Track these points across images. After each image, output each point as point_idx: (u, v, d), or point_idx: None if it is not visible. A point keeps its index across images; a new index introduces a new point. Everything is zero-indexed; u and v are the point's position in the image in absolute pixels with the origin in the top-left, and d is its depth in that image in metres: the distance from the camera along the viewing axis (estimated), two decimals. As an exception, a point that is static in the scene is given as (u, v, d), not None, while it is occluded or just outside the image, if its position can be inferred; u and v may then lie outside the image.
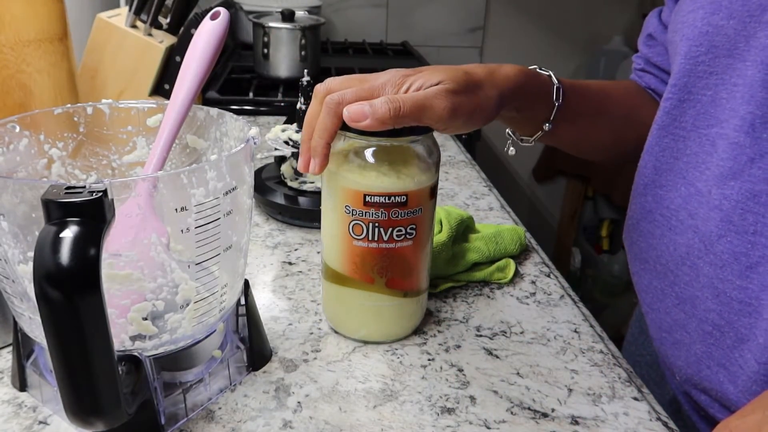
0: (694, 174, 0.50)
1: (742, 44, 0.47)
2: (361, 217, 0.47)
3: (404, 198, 0.46)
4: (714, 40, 0.49)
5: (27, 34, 0.66)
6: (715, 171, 0.48)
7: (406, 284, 0.50)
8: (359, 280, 0.49)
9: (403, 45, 1.79)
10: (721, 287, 0.48)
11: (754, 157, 0.45)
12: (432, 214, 0.50)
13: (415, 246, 0.49)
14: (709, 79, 0.50)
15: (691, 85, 0.51)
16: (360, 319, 0.51)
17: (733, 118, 0.47)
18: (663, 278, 0.54)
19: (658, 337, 0.56)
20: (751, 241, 0.45)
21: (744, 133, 0.46)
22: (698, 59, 0.50)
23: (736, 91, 0.47)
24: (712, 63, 0.49)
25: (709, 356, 0.50)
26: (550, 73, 0.55)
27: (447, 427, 0.44)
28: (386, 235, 0.47)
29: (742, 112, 0.46)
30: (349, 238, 0.48)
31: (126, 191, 0.39)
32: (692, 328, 0.51)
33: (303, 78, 0.72)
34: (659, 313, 0.55)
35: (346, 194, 0.47)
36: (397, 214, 0.47)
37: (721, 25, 0.48)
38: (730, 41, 0.48)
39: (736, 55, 0.47)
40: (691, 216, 0.50)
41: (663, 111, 0.54)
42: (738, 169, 0.46)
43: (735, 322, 0.47)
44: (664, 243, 0.53)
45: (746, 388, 0.47)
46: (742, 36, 0.47)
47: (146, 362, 0.40)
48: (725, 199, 0.47)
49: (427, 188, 0.48)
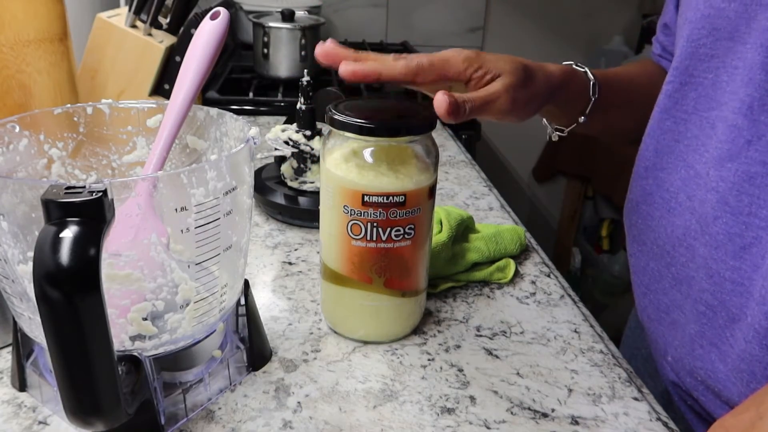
0: (694, 156, 0.51)
1: (743, 27, 0.47)
2: (359, 217, 0.47)
3: (402, 198, 0.46)
4: (715, 22, 0.49)
5: (27, 34, 0.66)
6: (714, 153, 0.48)
7: (404, 284, 0.50)
8: (357, 280, 0.49)
9: (403, 45, 1.79)
10: (715, 267, 0.48)
11: (751, 139, 0.46)
12: (431, 214, 0.50)
13: (413, 246, 0.49)
14: (710, 62, 0.50)
15: (693, 68, 0.51)
16: (358, 319, 0.51)
17: (733, 100, 0.47)
18: (659, 259, 0.54)
19: (655, 318, 0.56)
20: (745, 222, 0.46)
21: (742, 115, 0.46)
22: (700, 42, 0.50)
23: (737, 74, 0.47)
24: (714, 46, 0.49)
25: (702, 336, 0.50)
26: (585, 69, 0.59)
27: (447, 427, 0.44)
28: (384, 235, 0.47)
29: (741, 95, 0.47)
30: (347, 237, 0.48)
31: (126, 191, 0.39)
32: (687, 309, 0.51)
33: (303, 78, 0.72)
34: (656, 293, 0.55)
35: (345, 194, 0.47)
36: (395, 214, 0.47)
37: (722, 7, 0.48)
38: (731, 24, 0.48)
39: (737, 38, 0.47)
40: (689, 198, 0.51)
41: (665, 94, 0.54)
42: (735, 151, 0.47)
43: (727, 302, 0.47)
44: (662, 225, 0.54)
45: (735, 366, 0.47)
46: (743, 18, 0.47)
47: (146, 362, 0.40)
48: (722, 181, 0.47)
49: (425, 188, 0.48)
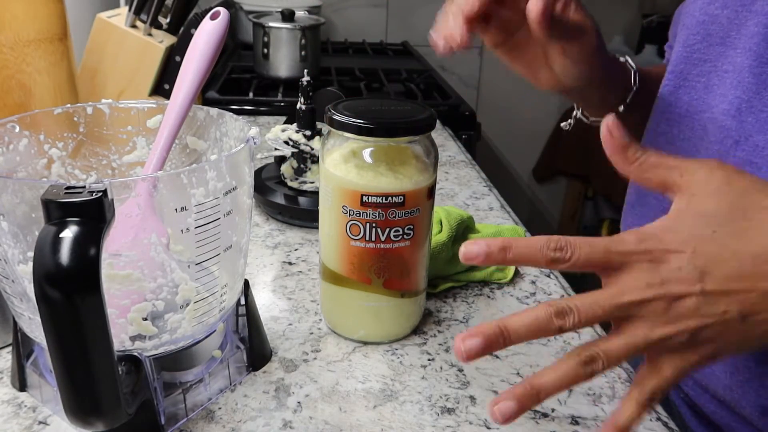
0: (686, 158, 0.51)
1: (734, 32, 0.48)
2: (358, 218, 0.47)
3: (401, 198, 0.46)
4: (709, 28, 0.51)
5: (27, 34, 0.66)
6: (705, 154, 0.49)
7: (404, 284, 0.50)
8: (357, 281, 0.49)
9: (403, 45, 1.80)
10: None
11: (738, 139, 0.47)
12: (430, 214, 0.50)
13: (412, 246, 0.49)
14: (702, 67, 0.51)
15: (687, 72, 0.53)
16: (358, 320, 0.51)
17: (723, 103, 0.49)
18: None
19: None
20: None
21: (731, 116, 0.47)
22: (694, 47, 0.52)
23: (727, 77, 0.49)
24: (707, 51, 0.51)
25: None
26: (626, 58, 0.59)
27: (447, 427, 0.44)
28: (383, 235, 0.47)
29: (730, 97, 0.48)
30: (346, 238, 0.48)
31: (126, 191, 0.39)
32: None
33: (303, 78, 0.72)
34: None
35: (344, 194, 0.47)
36: (394, 214, 0.47)
37: (716, 14, 0.50)
38: (723, 30, 0.49)
39: (728, 43, 0.49)
40: None
41: (660, 97, 0.55)
42: (724, 151, 0.48)
43: None
44: None
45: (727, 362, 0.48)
46: (734, 24, 0.48)
47: (146, 362, 0.40)
48: None
49: (424, 188, 0.47)
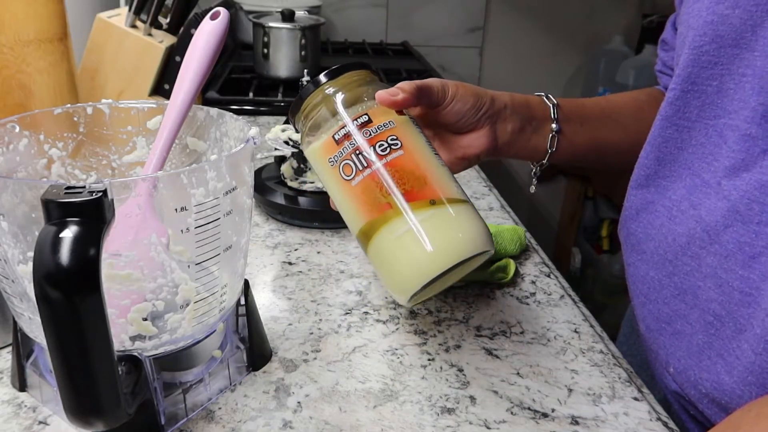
0: (701, 165, 0.50)
1: (749, 34, 0.46)
2: (342, 156, 0.46)
3: (366, 117, 0.46)
4: (719, 29, 0.48)
5: (27, 34, 0.66)
6: (725, 162, 0.48)
7: (427, 192, 0.45)
8: (379, 216, 0.45)
9: (403, 45, 1.79)
10: (724, 277, 0.47)
11: (766, 148, 0.45)
12: (412, 127, 0.48)
13: (407, 153, 0.46)
14: (713, 70, 0.49)
15: (696, 75, 0.51)
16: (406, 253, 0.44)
17: (744, 109, 0.47)
18: (661, 268, 0.54)
19: (655, 328, 0.56)
20: (755, 231, 0.45)
21: (756, 124, 0.46)
22: (702, 49, 0.50)
23: (745, 81, 0.47)
24: (717, 53, 0.49)
25: (709, 346, 0.49)
26: (546, 95, 0.61)
27: (447, 427, 0.44)
28: (372, 154, 0.45)
29: (752, 103, 0.46)
30: (347, 184, 0.46)
31: (126, 191, 0.39)
32: (693, 319, 0.51)
33: (303, 78, 0.72)
34: (657, 303, 0.55)
35: (323, 151, 0.47)
36: (368, 133, 0.46)
37: (726, 14, 0.48)
38: (736, 31, 0.47)
39: (743, 45, 0.47)
40: (693, 206, 0.50)
41: (667, 102, 0.54)
42: (751, 161, 0.46)
43: (735, 312, 0.47)
44: (662, 233, 0.53)
45: (742, 378, 0.47)
46: (748, 25, 0.46)
47: (146, 362, 0.40)
48: (734, 190, 0.47)
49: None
